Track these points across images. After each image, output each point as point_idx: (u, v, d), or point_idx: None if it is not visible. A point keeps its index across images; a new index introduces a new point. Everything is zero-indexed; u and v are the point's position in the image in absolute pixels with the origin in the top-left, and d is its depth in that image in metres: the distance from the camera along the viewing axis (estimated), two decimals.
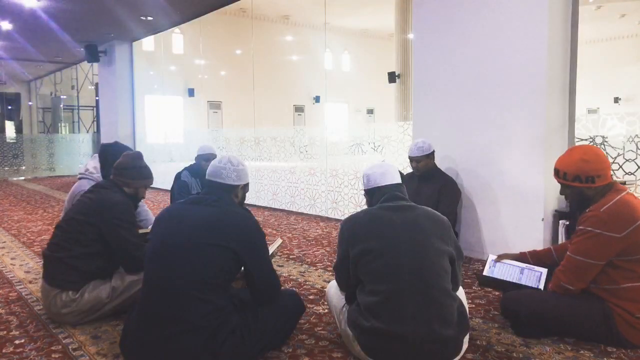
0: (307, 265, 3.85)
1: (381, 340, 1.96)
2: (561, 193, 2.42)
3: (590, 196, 2.29)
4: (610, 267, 2.22)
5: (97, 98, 13.12)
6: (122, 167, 2.81)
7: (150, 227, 2.81)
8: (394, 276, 1.98)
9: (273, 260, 2.73)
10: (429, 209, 2.19)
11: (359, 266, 2.06)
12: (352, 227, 2.14)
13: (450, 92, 4.12)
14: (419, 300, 1.95)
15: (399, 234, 2.03)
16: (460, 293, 2.26)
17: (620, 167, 3.76)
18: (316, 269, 3.74)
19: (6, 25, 9.01)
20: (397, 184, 2.22)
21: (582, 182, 2.27)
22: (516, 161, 3.69)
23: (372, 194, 2.23)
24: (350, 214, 2.27)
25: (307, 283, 3.39)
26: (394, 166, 2.30)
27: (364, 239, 2.06)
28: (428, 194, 3.80)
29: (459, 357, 2.06)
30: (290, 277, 3.54)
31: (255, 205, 7.11)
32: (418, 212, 2.12)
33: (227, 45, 15.22)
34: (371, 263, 2.02)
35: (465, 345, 2.10)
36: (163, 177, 9.11)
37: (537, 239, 3.57)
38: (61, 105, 17.91)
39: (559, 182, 2.37)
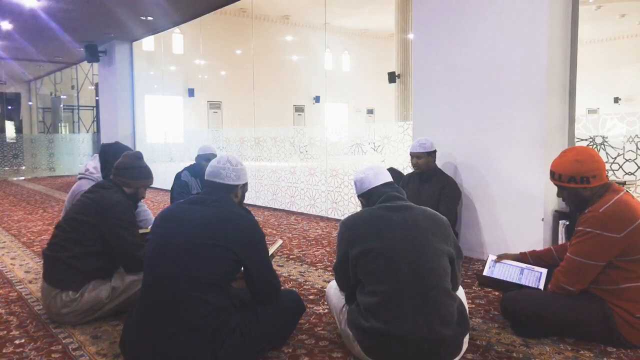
0: (307, 265, 3.85)
1: (381, 341, 1.96)
2: (558, 195, 2.42)
3: (587, 197, 2.29)
4: (610, 267, 2.22)
5: (97, 98, 13.13)
6: (123, 167, 2.81)
7: (150, 227, 2.81)
8: (393, 277, 1.98)
9: (273, 260, 2.73)
10: (428, 208, 2.19)
11: (359, 267, 2.06)
12: (351, 227, 2.13)
13: (450, 92, 4.12)
14: (418, 300, 1.94)
15: (398, 234, 2.03)
16: (460, 293, 2.26)
17: (620, 167, 3.76)
18: (316, 269, 3.74)
19: (6, 25, 9.02)
20: (391, 182, 2.23)
21: (578, 183, 2.27)
22: (516, 161, 3.69)
23: (368, 196, 2.22)
24: (349, 214, 2.25)
25: (307, 283, 3.39)
26: (382, 166, 2.31)
27: (363, 239, 2.06)
28: (429, 193, 3.80)
29: (459, 357, 2.06)
30: (290, 277, 3.54)
31: (255, 205, 7.11)
32: (417, 211, 2.12)
33: (227, 45, 15.23)
34: (370, 264, 2.02)
35: (465, 346, 2.10)
36: (163, 177, 9.12)
37: (537, 239, 3.57)
38: (61, 105, 17.91)
39: (555, 184, 2.38)
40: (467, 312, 2.16)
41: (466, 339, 2.10)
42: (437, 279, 1.99)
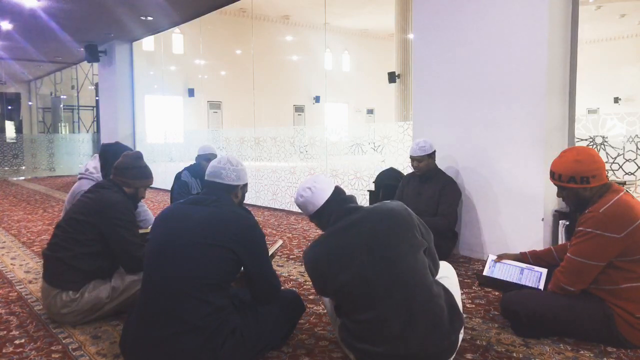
0: None
1: (375, 358, 1.94)
2: (558, 195, 2.42)
3: (587, 197, 2.29)
4: (611, 267, 2.22)
5: (97, 98, 13.13)
6: (123, 167, 2.81)
7: (150, 227, 2.81)
8: (372, 302, 1.90)
9: (273, 260, 2.73)
10: (381, 207, 2.03)
11: (337, 299, 2.03)
12: (315, 266, 2.01)
13: (450, 92, 4.12)
14: (404, 317, 1.87)
15: (363, 255, 1.91)
16: (453, 284, 2.20)
17: (620, 167, 3.76)
18: None
19: (6, 25, 9.02)
20: (333, 194, 2.05)
21: (578, 183, 2.27)
22: (516, 161, 3.69)
23: (318, 217, 2.08)
24: (308, 246, 2.09)
25: (307, 283, 3.39)
26: (318, 177, 2.10)
27: (331, 275, 1.94)
28: (429, 194, 3.80)
29: (454, 355, 2.04)
30: (290, 277, 3.54)
31: (255, 205, 7.11)
32: (372, 218, 1.97)
33: (227, 45, 15.24)
34: (347, 295, 1.95)
35: (460, 336, 2.04)
36: (163, 177, 9.12)
37: (537, 239, 3.57)
38: (61, 105, 17.92)
39: (555, 184, 2.37)
40: (459, 303, 2.10)
41: (461, 333, 2.04)
42: (417, 282, 1.91)
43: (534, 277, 2.58)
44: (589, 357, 2.21)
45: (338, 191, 2.08)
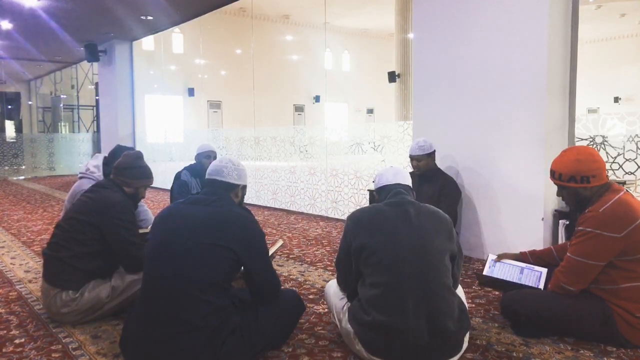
0: (307, 265, 3.85)
1: (382, 335, 1.97)
2: (558, 194, 2.42)
3: (587, 197, 2.29)
4: (611, 267, 2.22)
5: (97, 98, 13.12)
6: (123, 167, 2.81)
7: (150, 226, 2.81)
8: (394, 269, 2.00)
9: (273, 260, 2.73)
10: (432, 206, 2.23)
11: (360, 260, 2.09)
12: (356, 220, 2.18)
13: (450, 92, 4.12)
14: (419, 293, 1.96)
15: (400, 228, 2.06)
16: (460, 292, 2.26)
17: (620, 167, 3.76)
18: (316, 269, 3.74)
19: (6, 25, 9.01)
20: (406, 185, 2.29)
21: (578, 182, 2.27)
22: (516, 161, 3.69)
23: (380, 192, 2.29)
24: (355, 209, 2.32)
25: (307, 283, 3.39)
26: (405, 170, 2.38)
27: (365, 233, 2.09)
28: (429, 193, 3.80)
29: (459, 355, 2.06)
30: (290, 276, 3.54)
31: (255, 205, 7.11)
32: (421, 208, 2.16)
33: (227, 45, 15.24)
34: (372, 256, 2.05)
35: (465, 344, 2.10)
36: (163, 177, 9.12)
37: (537, 239, 3.57)
38: (61, 105, 17.91)
39: (555, 183, 2.38)
40: (467, 310, 2.17)
41: (467, 337, 2.10)
42: (438, 274, 2.02)
43: (534, 276, 2.58)
44: (589, 357, 2.21)
45: (409, 186, 2.32)
